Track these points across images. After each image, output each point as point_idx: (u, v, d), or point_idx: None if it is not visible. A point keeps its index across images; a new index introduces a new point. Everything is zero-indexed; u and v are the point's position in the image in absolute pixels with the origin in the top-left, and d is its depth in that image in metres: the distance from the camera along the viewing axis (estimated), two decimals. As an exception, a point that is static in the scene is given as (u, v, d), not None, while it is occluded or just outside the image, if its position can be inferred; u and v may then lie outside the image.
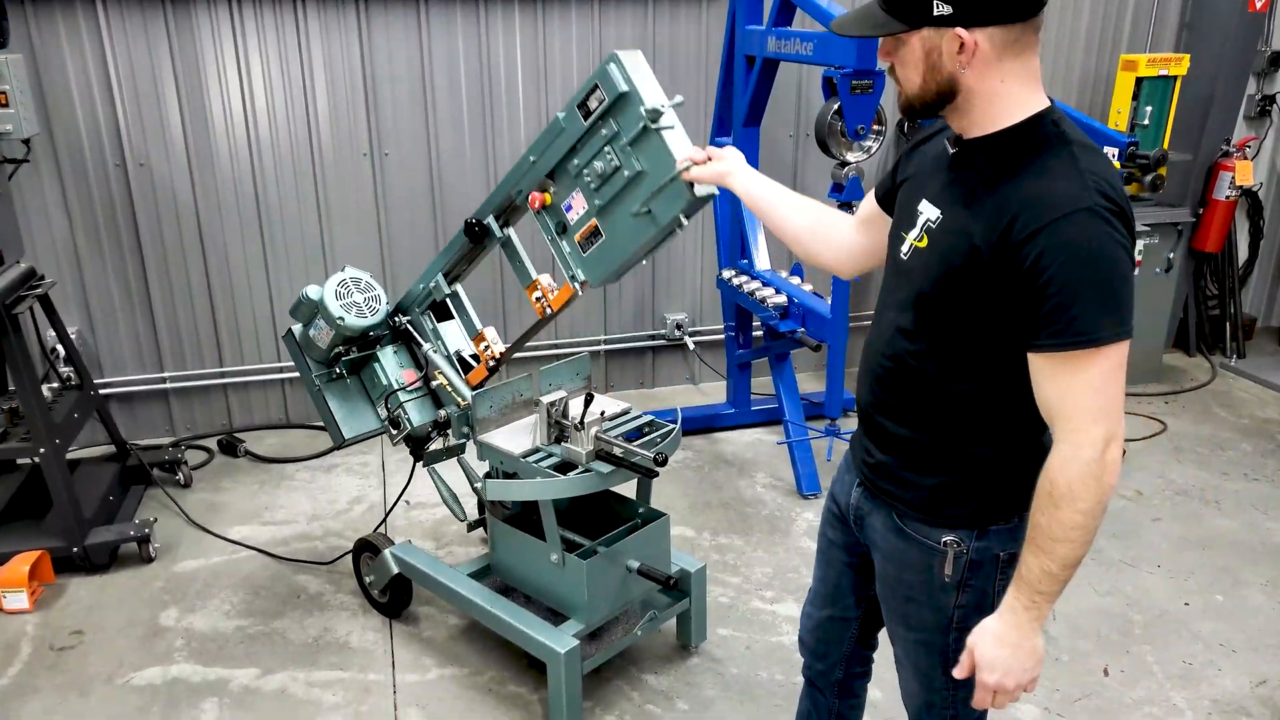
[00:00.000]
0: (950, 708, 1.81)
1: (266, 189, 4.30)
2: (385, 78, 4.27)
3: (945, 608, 1.70)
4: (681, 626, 2.96)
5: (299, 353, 3.10)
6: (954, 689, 1.76)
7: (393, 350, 3.05)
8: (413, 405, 2.97)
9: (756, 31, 3.79)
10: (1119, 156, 3.54)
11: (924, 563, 1.69)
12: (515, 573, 2.85)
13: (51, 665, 2.91)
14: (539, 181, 2.52)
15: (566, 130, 2.38)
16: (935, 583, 1.68)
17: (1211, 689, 2.78)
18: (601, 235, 2.42)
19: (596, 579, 2.60)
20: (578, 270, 2.50)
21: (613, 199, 2.35)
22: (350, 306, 2.90)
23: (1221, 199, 5.06)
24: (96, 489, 3.64)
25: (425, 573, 2.91)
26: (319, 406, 3.11)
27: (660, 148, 2.20)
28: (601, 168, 2.32)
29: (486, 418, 2.74)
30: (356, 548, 3.18)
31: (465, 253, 2.85)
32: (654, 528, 2.75)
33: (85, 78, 3.98)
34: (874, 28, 1.51)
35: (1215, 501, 3.86)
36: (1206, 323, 5.50)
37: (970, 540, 1.64)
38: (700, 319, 5.03)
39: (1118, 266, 1.40)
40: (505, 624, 2.69)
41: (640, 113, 2.21)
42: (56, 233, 4.13)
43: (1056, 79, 5.10)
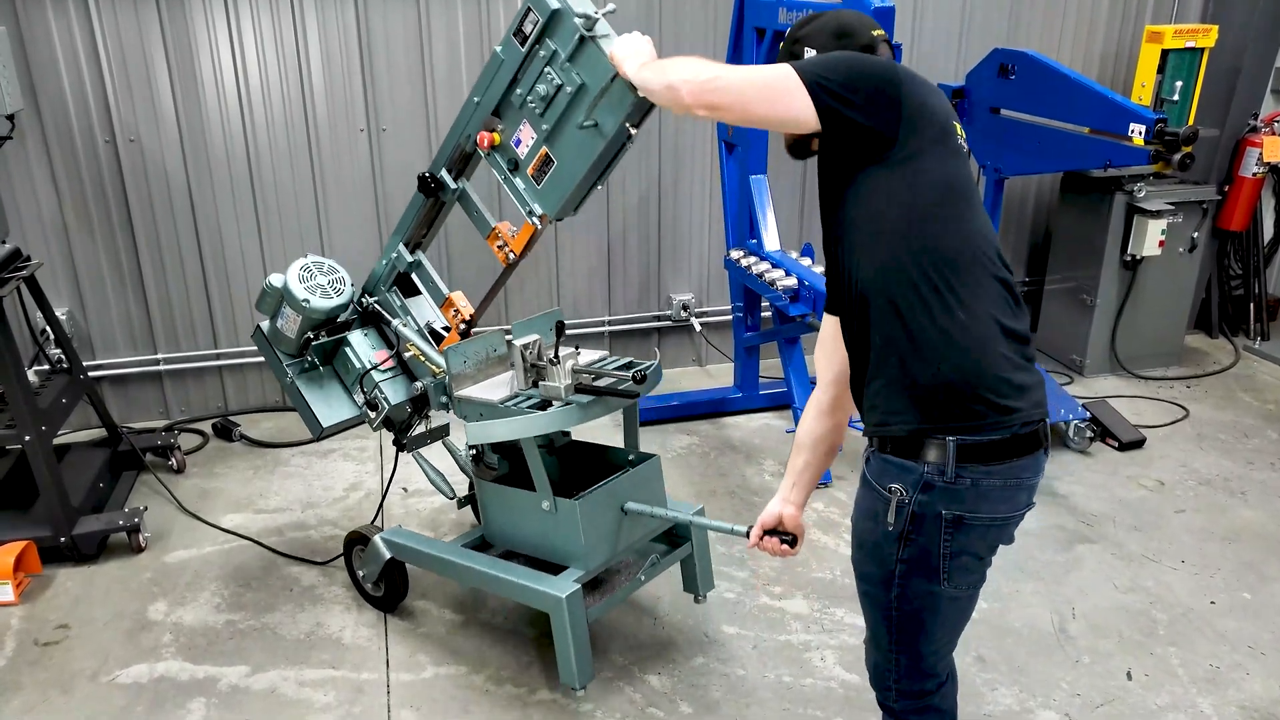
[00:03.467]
0: (892, 671, 1.87)
1: (261, 165, 4.17)
2: (382, 50, 4.12)
3: (888, 560, 1.75)
4: (686, 574, 2.88)
5: (269, 347, 3.05)
6: (897, 651, 1.84)
7: (362, 333, 2.99)
8: (388, 384, 2.92)
9: (767, 3, 3.63)
10: (1146, 134, 3.36)
11: (873, 509, 1.75)
12: (509, 532, 2.74)
13: (35, 661, 2.83)
14: (486, 121, 2.53)
15: (506, 61, 2.43)
16: (880, 531, 1.74)
17: (1239, 693, 2.67)
18: (553, 162, 2.44)
19: (591, 522, 2.52)
20: (534, 205, 2.51)
21: (559, 121, 2.38)
22: (315, 289, 2.86)
23: (1248, 176, 4.89)
24: (86, 476, 3.55)
25: (418, 550, 2.83)
26: (294, 399, 3.04)
27: (597, 56, 2.25)
28: (544, 90, 2.36)
29: (461, 372, 2.67)
30: (348, 543, 3.09)
31: (424, 215, 2.82)
32: (645, 468, 2.68)
33: (72, 50, 3.84)
34: None
35: (1241, 492, 3.72)
36: (1229, 303, 5.34)
37: (914, 493, 1.67)
38: (707, 299, 4.90)
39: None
40: (504, 582, 2.61)
41: (574, 25, 2.26)
42: (45, 211, 4.01)
43: (1077, 52, 4.91)
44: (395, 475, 3.25)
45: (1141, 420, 4.24)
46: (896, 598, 1.77)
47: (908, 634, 1.81)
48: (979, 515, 1.69)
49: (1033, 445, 1.70)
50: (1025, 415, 1.67)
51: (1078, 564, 3.25)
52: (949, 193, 1.68)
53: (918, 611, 1.78)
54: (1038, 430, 1.71)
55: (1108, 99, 3.48)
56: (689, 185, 4.67)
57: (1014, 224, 5.17)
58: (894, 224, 1.66)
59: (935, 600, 1.76)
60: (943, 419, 1.65)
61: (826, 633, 2.92)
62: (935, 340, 1.64)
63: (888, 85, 1.63)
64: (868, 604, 1.86)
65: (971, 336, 1.64)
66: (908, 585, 1.74)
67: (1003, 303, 1.70)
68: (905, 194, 1.65)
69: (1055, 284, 4.98)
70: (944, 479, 1.66)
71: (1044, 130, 3.80)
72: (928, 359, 1.65)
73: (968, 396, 1.64)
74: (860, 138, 1.65)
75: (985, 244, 1.70)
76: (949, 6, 4.67)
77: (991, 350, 1.66)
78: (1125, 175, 4.50)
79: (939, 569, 1.71)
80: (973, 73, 4.09)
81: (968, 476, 1.65)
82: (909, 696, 1.89)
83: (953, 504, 1.67)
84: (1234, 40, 4.74)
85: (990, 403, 1.64)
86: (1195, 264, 4.80)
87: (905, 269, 1.65)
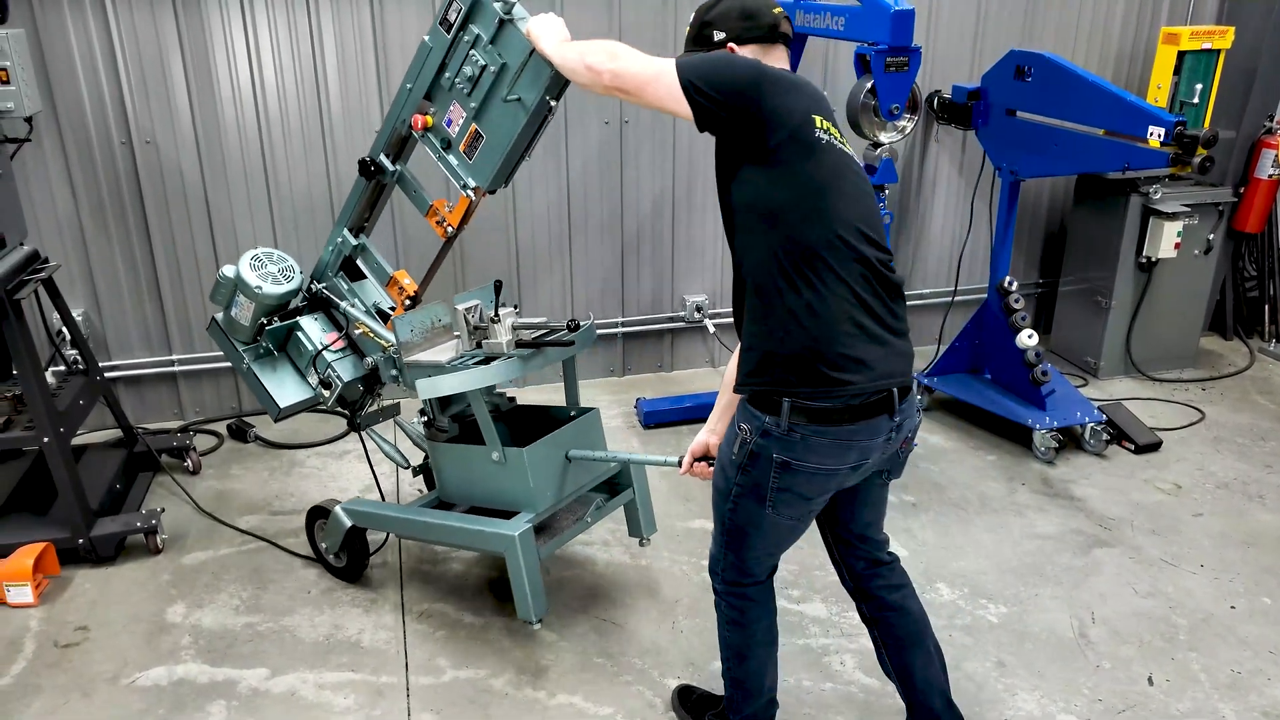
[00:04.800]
0: (721, 562, 2.22)
1: (276, 166, 4.17)
2: (397, 49, 4.12)
3: (729, 481, 2.08)
4: (630, 519, 3.05)
5: (225, 338, 3.19)
6: (725, 550, 2.19)
7: (313, 318, 3.15)
8: (340, 364, 3.06)
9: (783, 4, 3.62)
10: (1165, 137, 3.34)
11: (730, 437, 2.08)
12: (462, 488, 2.89)
13: (54, 663, 2.83)
14: (419, 105, 2.73)
15: (434, 48, 2.64)
16: (728, 456, 2.09)
17: (1261, 699, 2.66)
18: (482, 137, 2.63)
19: (538, 469, 2.67)
20: (468, 178, 2.70)
21: (485, 99, 2.58)
22: (266, 276, 3.03)
23: (1264, 178, 4.86)
24: (103, 477, 3.56)
25: (377, 514, 3.00)
26: (251, 384, 3.20)
27: (516, 36, 2.46)
28: (470, 72, 2.57)
29: (409, 341, 2.79)
30: (309, 517, 3.22)
31: (366, 198, 2.99)
32: (586, 419, 2.86)
33: (89, 53, 3.85)
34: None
35: (1259, 496, 3.71)
36: (1244, 305, 5.32)
37: (755, 436, 1.98)
38: (720, 301, 4.89)
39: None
40: (460, 530, 2.77)
41: (494, 10, 2.47)
42: (61, 213, 4.02)
43: (1093, 53, 4.90)
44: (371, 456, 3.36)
45: (1157, 423, 4.23)
46: (730, 511, 2.11)
47: (735, 541, 2.15)
48: (805, 464, 1.97)
49: (869, 413, 1.93)
50: (860, 388, 1.90)
51: (1096, 568, 3.24)
52: (807, 188, 1.89)
53: (744, 526, 2.11)
54: (878, 399, 1.93)
55: (1126, 101, 3.47)
56: (702, 188, 4.66)
57: (1028, 226, 5.15)
58: (759, 219, 1.91)
59: (760, 521, 2.08)
60: (783, 384, 1.92)
61: (845, 636, 2.92)
62: (784, 318, 1.90)
63: (749, 89, 1.85)
64: (713, 508, 2.18)
65: (818, 315, 1.88)
66: (739, 504, 2.08)
67: (860, 280, 1.92)
68: (768, 191, 1.89)
69: (1070, 286, 4.97)
70: (779, 430, 1.94)
71: (1061, 132, 3.79)
72: (776, 335, 1.92)
73: (806, 366, 1.90)
74: (729, 135, 1.89)
75: (845, 229, 1.91)
76: (964, 8, 4.66)
77: (836, 329, 1.89)
78: (1141, 177, 4.48)
79: (766, 498, 2.02)
80: (989, 74, 4.08)
81: (799, 431, 1.93)
82: (729, 584, 2.24)
83: (783, 451, 1.96)
84: (1250, 42, 4.72)
85: (826, 376, 1.89)
86: (1210, 266, 4.78)
87: (767, 259, 1.91)
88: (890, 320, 1.97)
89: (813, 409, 1.91)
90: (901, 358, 1.98)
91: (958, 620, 2.99)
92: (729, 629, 2.29)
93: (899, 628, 2.31)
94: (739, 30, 2.04)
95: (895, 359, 1.96)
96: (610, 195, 4.57)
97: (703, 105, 1.85)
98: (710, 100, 1.85)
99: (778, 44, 2.08)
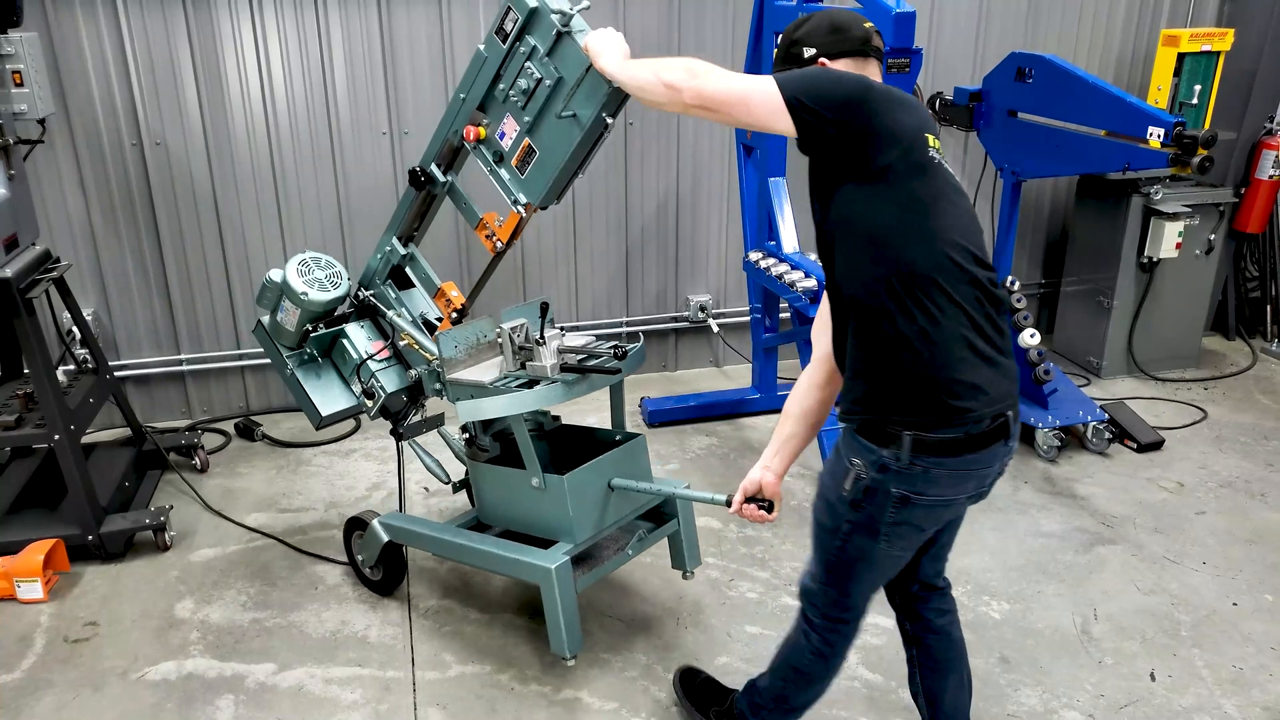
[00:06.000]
0: (820, 596, 2.09)
1: (284, 168, 4.21)
2: (405, 54, 4.16)
3: (839, 517, 1.95)
4: (674, 550, 2.95)
5: (270, 341, 3.15)
6: (827, 585, 2.06)
7: (359, 325, 3.10)
8: (384, 374, 3.03)
9: (786, 7, 3.65)
10: (1165, 138, 3.36)
11: (837, 471, 1.94)
12: (501, 510, 2.82)
13: (65, 658, 2.86)
14: (472, 116, 2.68)
15: (489, 59, 2.57)
16: (836, 492, 1.94)
17: (1264, 695, 2.67)
18: (535, 152, 2.57)
19: (579, 497, 2.60)
20: (519, 194, 2.64)
21: (540, 113, 2.51)
22: (313, 283, 2.97)
23: (1265, 179, 4.88)
24: (112, 475, 3.59)
25: (414, 532, 2.93)
26: (294, 390, 3.15)
27: (573, 50, 2.39)
28: (525, 85, 2.50)
29: (453, 357, 2.74)
30: (346, 529, 3.18)
31: (416, 208, 2.94)
32: (631, 446, 2.76)
33: (101, 56, 3.89)
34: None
35: (1261, 494, 3.72)
36: (1246, 306, 5.33)
37: (871, 471, 1.86)
38: (724, 301, 4.92)
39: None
40: (494, 557, 2.69)
41: (551, 21, 2.40)
42: (73, 213, 4.06)
43: (1093, 56, 4.92)
44: (404, 467, 3.33)
45: (1160, 422, 4.24)
46: (838, 548, 1.98)
47: (840, 576, 2.03)
48: (925, 496, 1.86)
49: (988, 440, 1.84)
50: (979, 414, 1.81)
51: (1100, 565, 3.26)
52: (913, 208, 1.79)
53: (854, 561, 1.99)
54: (995, 427, 1.84)
55: (1126, 102, 3.49)
56: (707, 188, 4.69)
57: (1031, 226, 5.17)
58: (865, 239, 1.80)
59: (872, 555, 1.97)
60: (901, 414, 1.81)
61: (849, 632, 2.93)
62: (898, 344, 1.79)
63: (858, 104, 1.75)
64: (814, 543, 2.06)
65: (933, 341, 1.78)
66: (850, 540, 1.96)
67: (974, 303, 1.81)
68: (874, 211, 1.78)
69: (1072, 286, 4.99)
70: (898, 464, 1.83)
71: (1061, 133, 3.81)
72: (888, 362, 1.81)
73: (924, 395, 1.79)
74: (834, 152, 1.79)
75: (954, 249, 1.80)
76: (967, 10, 4.69)
77: (952, 355, 1.79)
78: (1142, 178, 4.50)
79: (880, 532, 1.91)
80: (990, 76, 4.10)
81: (920, 465, 1.82)
82: (829, 619, 2.12)
83: (902, 485, 1.85)
84: (1251, 44, 4.74)
85: (945, 403, 1.79)
86: (1212, 266, 4.80)
87: (875, 284, 1.79)
88: (998, 339, 1.86)
89: (932, 441, 1.79)
90: (1011, 378, 1.88)
91: (962, 617, 2.96)
92: (812, 659, 2.16)
93: (938, 651, 2.27)
94: (829, 45, 1.94)
95: (1006, 380, 1.86)
96: (616, 196, 4.60)
97: (809, 122, 1.75)
98: (817, 117, 1.74)
99: (870, 58, 1.97)
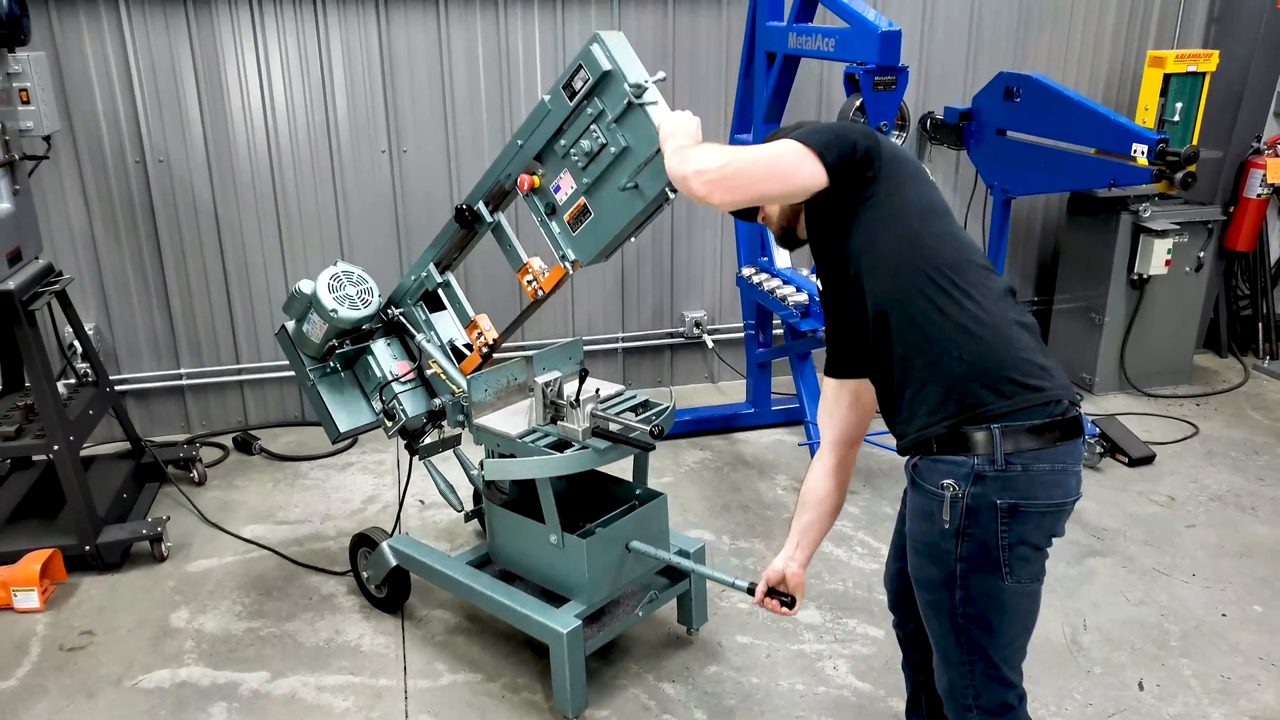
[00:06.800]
0: (970, 686, 1.84)
1: (285, 186, 4.27)
2: (404, 74, 4.23)
3: (947, 560, 1.76)
4: (682, 609, 2.93)
5: (292, 349, 3.11)
6: (970, 660, 1.81)
7: (385, 343, 3.04)
8: (407, 396, 2.99)
9: (777, 28, 3.73)
10: (1148, 154, 3.43)
11: (927, 509, 1.78)
12: (514, 557, 2.80)
13: (60, 666, 2.88)
14: (527, 164, 2.58)
15: (553, 112, 2.47)
16: (936, 531, 1.76)
17: (1251, 704, 2.68)
18: (590, 213, 2.49)
19: (596, 559, 2.57)
20: (568, 250, 2.57)
21: (600, 177, 2.43)
22: (343, 299, 2.90)
23: (1252, 197, 4.94)
24: (110, 486, 3.62)
25: (423, 563, 2.90)
26: (314, 402, 3.11)
27: (644, 123, 2.30)
28: (588, 146, 2.41)
29: (482, 401, 2.72)
30: (354, 543, 3.17)
31: (456, 240, 2.88)
32: (651, 507, 2.72)
33: (106, 74, 3.97)
34: None
35: (1252, 508, 3.74)
36: (1238, 323, 5.37)
37: (966, 486, 1.71)
38: (719, 317, 4.96)
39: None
40: (505, 608, 2.67)
41: (624, 89, 2.31)
42: (76, 228, 4.12)
43: (1082, 76, 5.00)
44: (409, 485, 3.33)
45: (1151, 437, 4.27)
46: (961, 600, 1.77)
47: (976, 638, 1.80)
48: (1033, 502, 1.72)
49: (1073, 430, 1.76)
50: (1054, 394, 1.74)
51: (1090, 577, 3.27)
52: (932, 212, 1.83)
53: (984, 612, 1.78)
54: (1075, 417, 1.77)
55: (1110, 120, 3.56)
56: (702, 207, 4.72)
57: (1022, 245, 5.23)
58: (894, 244, 1.79)
59: (1000, 596, 1.77)
60: (978, 405, 1.72)
61: (839, 642, 2.95)
62: (953, 334, 1.73)
63: (869, 139, 1.81)
64: (932, 614, 1.85)
65: (986, 324, 1.74)
66: (970, 583, 1.76)
67: (1008, 296, 1.82)
68: (898, 219, 1.80)
69: (1064, 303, 5.03)
70: (994, 468, 1.70)
71: (1049, 151, 3.88)
72: (951, 353, 1.73)
73: (996, 378, 1.72)
74: (858, 184, 1.79)
75: (975, 252, 1.84)
76: (957, 31, 4.77)
77: (1009, 334, 1.75)
78: (1130, 195, 4.56)
79: (999, 561, 1.73)
80: (979, 95, 4.18)
81: (1018, 463, 1.70)
82: (992, 713, 1.84)
83: (1006, 492, 1.70)
84: (1238, 65, 4.82)
85: (1019, 382, 1.72)
86: (1202, 283, 4.85)
87: (913, 278, 1.77)
88: (1039, 339, 1.83)
89: (1023, 429, 1.70)
90: (1063, 373, 1.82)
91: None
92: None
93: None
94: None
95: (1062, 372, 1.81)
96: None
97: (840, 160, 1.75)
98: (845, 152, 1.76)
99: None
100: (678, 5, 4.39)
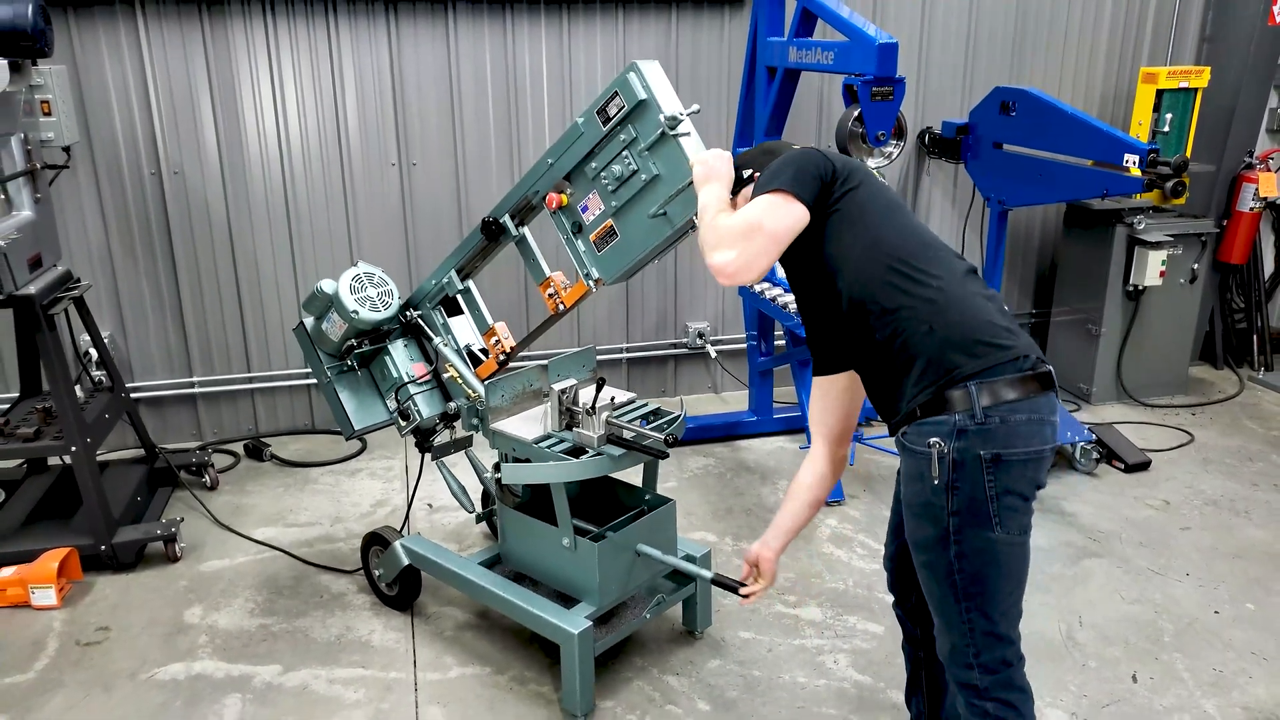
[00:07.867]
0: (970, 644, 1.93)
1: (297, 198, 4.37)
2: (414, 88, 4.34)
3: (941, 515, 1.86)
4: (687, 612, 3.01)
5: (310, 346, 3.16)
6: (969, 619, 1.90)
7: (403, 344, 3.10)
8: (422, 398, 3.04)
9: (778, 43, 3.83)
10: (1140, 164, 3.52)
11: (917, 470, 1.89)
12: (526, 559, 2.87)
13: (76, 661, 2.94)
14: (556, 183, 2.63)
15: (585, 134, 2.50)
16: (927, 489, 1.87)
17: (1243, 696, 2.73)
18: (616, 235, 2.55)
19: (607, 562, 2.64)
20: (593, 269, 2.63)
21: (629, 201, 2.48)
22: (364, 301, 2.95)
23: (1245, 211, 5.04)
24: (125, 489, 3.69)
25: (435, 562, 2.95)
26: (329, 399, 3.17)
27: (677, 153, 2.35)
28: (619, 171, 2.46)
29: (498, 406, 2.79)
30: (365, 541, 3.22)
31: (480, 250, 2.92)
32: (661, 513, 2.79)
33: (124, 87, 4.08)
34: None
35: (1246, 512, 3.80)
36: (1233, 336, 5.45)
37: (951, 441, 1.83)
38: (722, 328, 5.05)
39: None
40: (517, 608, 2.73)
41: (658, 119, 2.36)
42: (92, 238, 4.22)
43: (1077, 92, 5.10)
44: (419, 486, 3.39)
45: (1147, 444, 4.34)
46: (956, 555, 1.87)
47: (974, 595, 1.89)
48: (1014, 451, 1.83)
49: (1045, 383, 1.89)
50: (1021, 350, 1.88)
51: (1085, 577, 3.33)
52: (890, 208, 2.00)
53: (980, 569, 1.87)
54: (1046, 371, 1.90)
55: (1102, 131, 3.65)
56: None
57: (1020, 257, 5.32)
58: (861, 243, 1.95)
59: (993, 550, 1.86)
60: (953, 368, 1.85)
61: (840, 638, 3.01)
62: (922, 311, 1.88)
63: (822, 160, 1.98)
64: (929, 575, 1.94)
65: (951, 296, 1.89)
66: (963, 538, 1.86)
67: (971, 274, 1.97)
68: (861, 220, 1.97)
69: (1062, 315, 5.11)
70: (975, 422, 1.82)
71: (1044, 163, 3.97)
72: (922, 328, 1.88)
73: (967, 342, 1.86)
74: (825, 201, 1.97)
75: (933, 239, 2.00)
76: (954, 47, 4.88)
77: (973, 304, 1.90)
78: (1125, 208, 4.66)
79: (989, 514, 1.84)
80: (976, 110, 4.28)
81: (995, 415, 1.82)
82: (992, 670, 1.93)
83: (988, 444, 1.82)
84: (1229, 80, 4.92)
85: (987, 342, 1.86)
86: (1197, 295, 4.93)
87: (880, 270, 1.92)
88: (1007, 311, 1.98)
89: (995, 383, 1.82)
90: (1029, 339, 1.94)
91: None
92: None
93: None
94: (763, 163, 2.11)
95: (1028, 338, 1.94)
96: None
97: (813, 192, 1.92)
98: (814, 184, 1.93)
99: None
100: (680, 22, 4.51)
